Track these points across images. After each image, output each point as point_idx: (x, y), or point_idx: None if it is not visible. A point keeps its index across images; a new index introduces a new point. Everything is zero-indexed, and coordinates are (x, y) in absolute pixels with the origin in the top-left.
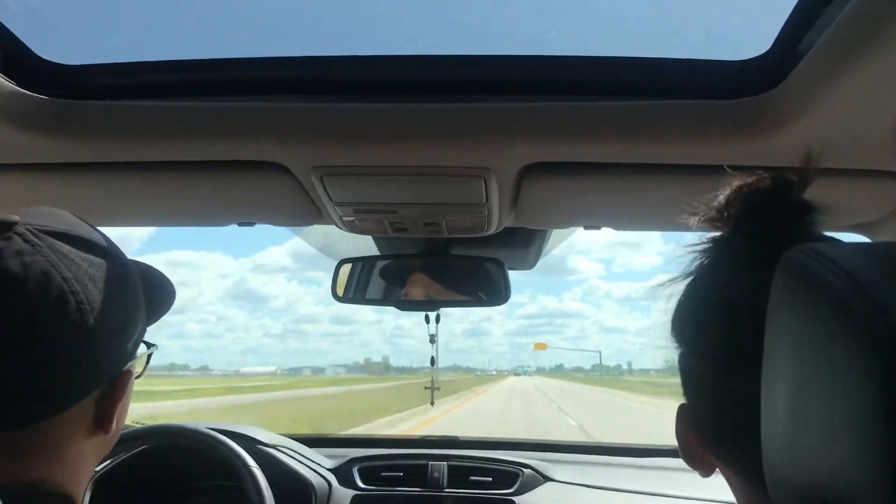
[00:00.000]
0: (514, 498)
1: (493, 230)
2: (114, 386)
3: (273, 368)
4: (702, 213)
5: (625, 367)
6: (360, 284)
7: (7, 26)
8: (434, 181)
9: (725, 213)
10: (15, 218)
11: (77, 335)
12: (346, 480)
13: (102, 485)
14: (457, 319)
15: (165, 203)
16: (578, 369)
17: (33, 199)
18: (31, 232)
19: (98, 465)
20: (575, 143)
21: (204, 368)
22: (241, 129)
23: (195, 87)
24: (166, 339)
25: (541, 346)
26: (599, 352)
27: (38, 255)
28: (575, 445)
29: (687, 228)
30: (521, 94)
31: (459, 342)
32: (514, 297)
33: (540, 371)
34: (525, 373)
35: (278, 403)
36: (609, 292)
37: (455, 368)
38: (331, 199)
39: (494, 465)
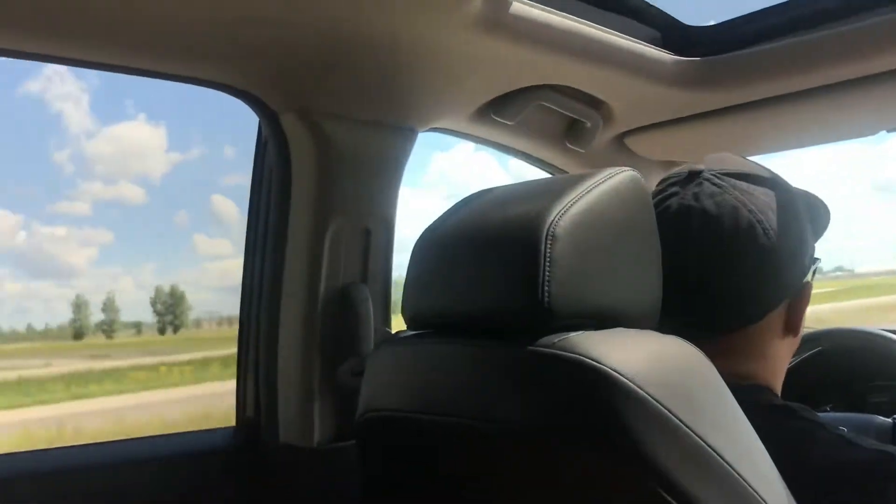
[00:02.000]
0: None
1: None
2: (799, 296)
3: None
4: None
5: None
6: None
7: (660, 8)
8: None
9: None
10: (701, 167)
11: (767, 255)
12: None
13: (787, 379)
14: None
15: (812, 125)
16: None
17: (700, 142)
18: (715, 176)
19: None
20: None
21: (839, 269)
22: (878, 42)
23: (817, 17)
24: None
25: None
26: None
27: (726, 194)
28: None
29: None
30: None
31: None
32: None
33: None
34: None
35: None
36: None
37: None
38: None
39: None
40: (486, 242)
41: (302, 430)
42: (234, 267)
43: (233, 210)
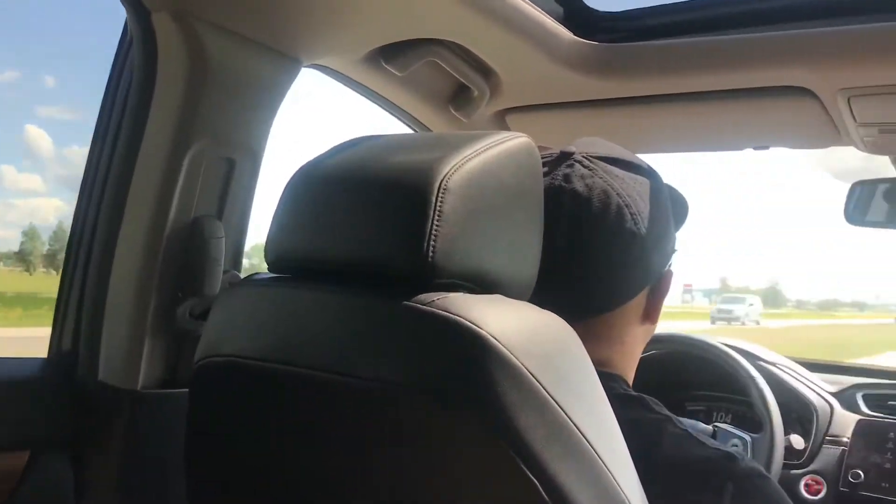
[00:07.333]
0: None
1: None
2: (660, 283)
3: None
4: None
5: None
6: (875, 207)
7: None
8: None
9: None
10: (573, 148)
11: (634, 241)
12: (849, 405)
13: None
14: None
15: (690, 131)
16: None
17: (580, 131)
18: (586, 158)
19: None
20: None
21: None
22: (769, 57)
23: (724, 21)
24: None
25: None
26: None
27: (596, 177)
28: None
29: None
30: None
31: None
32: None
33: None
34: None
35: None
36: None
37: None
38: (854, 121)
39: None
40: (372, 186)
41: (125, 370)
42: (46, 206)
43: (48, 145)
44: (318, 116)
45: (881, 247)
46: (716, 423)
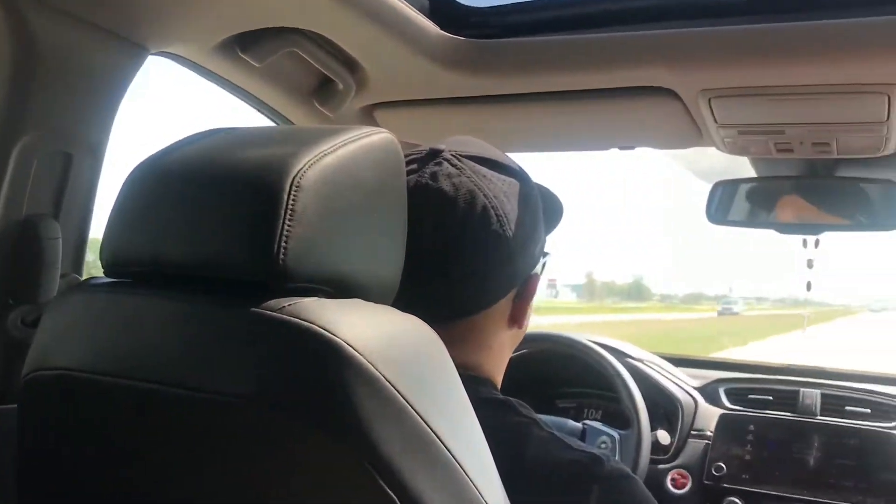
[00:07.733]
0: (894, 432)
1: (889, 150)
2: (526, 287)
3: None
4: None
5: None
6: (736, 207)
7: None
8: (827, 100)
9: None
10: (443, 146)
11: (499, 243)
12: (712, 399)
13: None
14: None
15: (557, 130)
16: None
17: (448, 129)
18: (455, 157)
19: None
20: None
21: None
22: (633, 57)
23: (590, 20)
24: None
25: None
26: None
27: (464, 177)
28: None
29: None
30: None
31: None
32: None
33: None
34: None
35: None
36: None
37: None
38: (715, 122)
39: (872, 396)
40: (218, 183)
41: None
42: None
43: None
44: (183, 108)
45: (744, 243)
46: (585, 421)
